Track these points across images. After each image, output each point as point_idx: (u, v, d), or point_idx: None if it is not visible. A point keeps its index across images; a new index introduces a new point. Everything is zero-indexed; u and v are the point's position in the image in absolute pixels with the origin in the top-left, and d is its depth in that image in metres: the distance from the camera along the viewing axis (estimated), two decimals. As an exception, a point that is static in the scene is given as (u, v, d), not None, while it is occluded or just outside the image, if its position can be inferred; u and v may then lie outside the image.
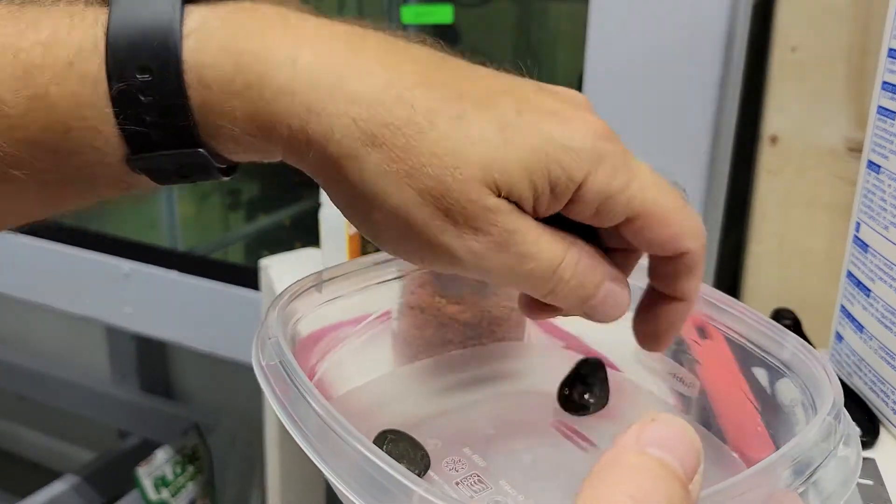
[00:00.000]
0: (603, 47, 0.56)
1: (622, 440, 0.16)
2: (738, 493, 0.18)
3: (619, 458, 0.15)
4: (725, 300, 0.30)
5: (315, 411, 0.21)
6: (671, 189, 0.24)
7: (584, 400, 0.31)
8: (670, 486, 0.15)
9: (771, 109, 0.55)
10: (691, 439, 0.16)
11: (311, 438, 0.21)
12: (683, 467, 0.15)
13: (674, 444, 0.16)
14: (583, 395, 0.31)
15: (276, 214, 1.03)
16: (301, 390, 0.22)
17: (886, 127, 0.43)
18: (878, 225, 0.43)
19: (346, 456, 0.19)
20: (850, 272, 0.46)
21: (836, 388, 0.24)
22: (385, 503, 0.18)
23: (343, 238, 0.54)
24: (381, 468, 0.18)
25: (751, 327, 0.28)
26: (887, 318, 0.42)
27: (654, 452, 0.15)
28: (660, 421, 0.16)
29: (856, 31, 0.51)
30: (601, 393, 0.31)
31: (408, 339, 0.37)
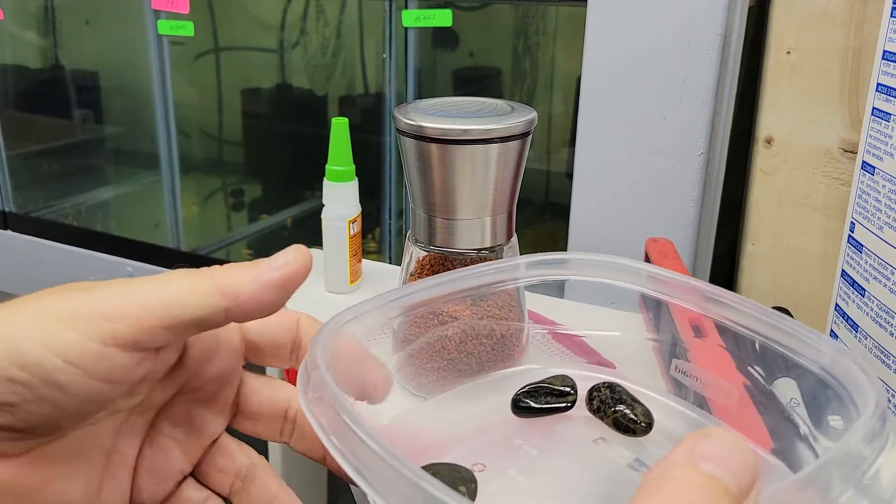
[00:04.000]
0: (600, 50, 0.56)
1: (674, 455, 0.15)
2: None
3: (669, 472, 0.15)
4: (752, 306, 0.28)
5: (362, 440, 0.20)
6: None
7: (631, 420, 0.30)
8: (721, 503, 0.14)
9: (766, 111, 0.56)
10: (746, 455, 0.15)
11: (364, 471, 0.20)
12: (738, 483, 0.15)
13: (727, 459, 0.15)
14: (627, 416, 0.31)
15: (279, 215, 1.04)
16: (346, 421, 0.21)
17: (881, 128, 0.43)
18: (873, 225, 0.43)
19: (401, 487, 0.19)
20: (844, 272, 0.47)
21: (878, 389, 0.22)
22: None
23: (344, 238, 0.54)
24: (433, 495, 0.17)
25: (784, 332, 0.27)
26: (881, 318, 0.42)
27: (706, 467, 0.15)
28: (714, 436, 0.15)
29: (850, 34, 0.51)
30: (645, 414, 0.31)
31: (408, 337, 0.38)
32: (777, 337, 0.28)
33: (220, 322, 0.23)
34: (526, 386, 0.32)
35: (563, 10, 0.82)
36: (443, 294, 0.31)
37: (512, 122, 0.38)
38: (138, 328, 0.21)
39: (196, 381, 0.26)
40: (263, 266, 0.23)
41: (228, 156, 1.08)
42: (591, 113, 0.58)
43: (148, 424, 0.26)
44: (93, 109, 1.08)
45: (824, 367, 0.26)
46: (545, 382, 0.32)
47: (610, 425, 0.31)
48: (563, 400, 0.32)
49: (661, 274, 0.31)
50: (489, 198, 0.40)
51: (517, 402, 0.32)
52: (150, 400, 0.25)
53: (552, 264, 0.33)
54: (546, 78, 0.84)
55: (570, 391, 0.32)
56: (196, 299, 0.22)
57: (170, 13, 0.84)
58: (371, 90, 0.91)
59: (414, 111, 0.40)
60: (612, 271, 0.33)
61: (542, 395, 0.32)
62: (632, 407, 0.30)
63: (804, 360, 0.26)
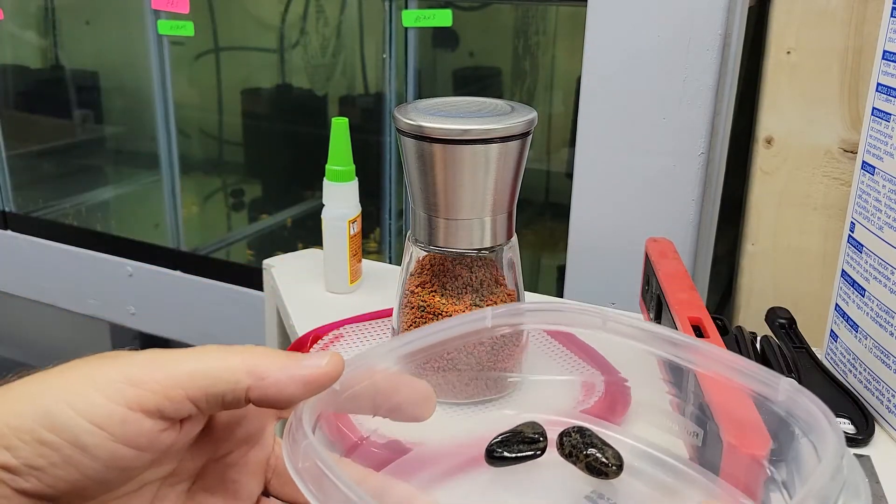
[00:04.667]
0: (600, 50, 0.56)
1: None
2: None
3: None
4: (705, 348, 0.30)
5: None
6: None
7: (602, 464, 0.31)
8: None
9: (766, 111, 0.56)
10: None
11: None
12: None
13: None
14: (599, 459, 0.32)
15: (279, 215, 1.04)
16: (340, 487, 0.21)
17: (881, 128, 0.43)
18: (873, 225, 0.43)
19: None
20: (844, 272, 0.47)
21: (837, 431, 0.23)
22: None
23: (344, 238, 0.54)
24: None
25: (741, 372, 0.28)
26: (881, 318, 0.42)
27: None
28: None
29: (850, 34, 0.51)
30: (616, 457, 0.32)
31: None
32: (739, 379, 0.28)
33: (241, 401, 0.23)
34: (497, 436, 0.33)
35: (563, 10, 0.82)
36: (431, 350, 0.32)
37: (512, 122, 0.38)
38: (164, 395, 0.22)
39: (226, 445, 0.26)
40: (296, 359, 0.23)
41: (228, 156, 1.08)
42: (592, 113, 0.58)
43: (184, 495, 0.26)
44: (93, 109, 1.08)
45: (783, 406, 0.26)
46: (515, 431, 0.33)
47: (582, 469, 0.32)
48: (535, 447, 0.33)
49: (619, 323, 0.32)
50: (489, 198, 0.40)
51: (491, 452, 0.33)
52: (181, 470, 0.26)
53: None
54: (546, 78, 0.84)
55: (540, 438, 0.33)
56: (223, 374, 0.23)
57: (170, 13, 0.84)
58: (371, 90, 0.91)
59: (414, 111, 0.40)
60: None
61: (514, 443, 0.33)
62: (602, 451, 0.32)
63: (767, 402, 0.27)
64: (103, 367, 0.22)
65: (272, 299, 0.60)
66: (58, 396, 0.21)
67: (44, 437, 0.21)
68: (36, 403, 0.21)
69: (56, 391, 0.22)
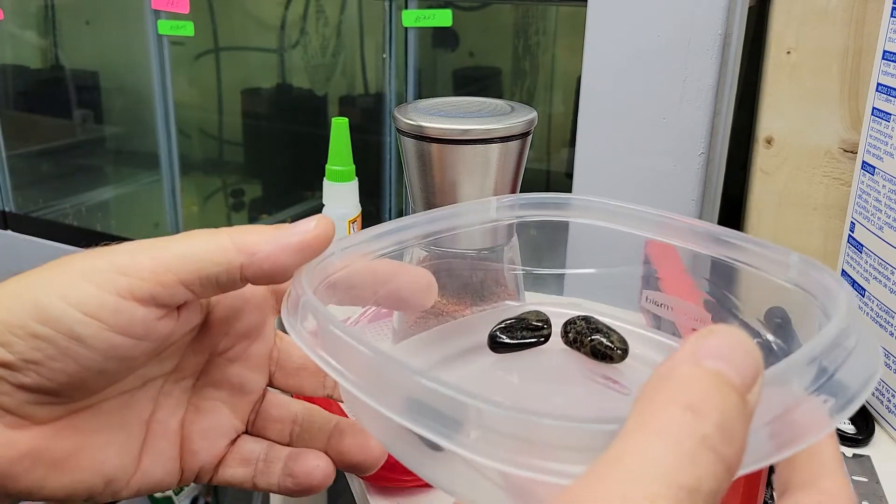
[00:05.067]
0: (600, 50, 0.56)
1: (678, 354, 0.15)
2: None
3: (673, 370, 0.15)
4: (722, 231, 0.29)
5: (360, 351, 0.19)
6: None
7: (608, 347, 0.31)
8: (726, 396, 0.14)
9: (766, 111, 0.56)
10: (749, 349, 0.15)
11: (360, 381, 0.19)
12: (741, 377, 0.15)
13: (730, 354, 0.15)
14: (604, 343, 0.31)
15: (279, 214, 1.04)
16: (340, 336, 0.20)
17: (881, 128, 0.43)
18: (873, 225, 0.43)
19: (400, 388, 0.18)
20: (844, 272, 0.47)
21: (848, 294, 0.22)
22: (446, 426, 0.17)
23: (344, 238, 0.54)
24: (436, 390, 0.17)
25: (752, 253, 0.27)
26: (882, 318, 0.42)
27: (709, 364, 0.15)
28: (716, 333, 0.15)
29: (850, 34, 0.51)
30: (621, 341, 0.31)
31: (407, 334, 0.38)
32: (751, 261, 0.28)
33: (236, 280, 0.23)
34: (501, 322, 0.33)
35: (563, 9, 0.82)
36: (432, 230, 0.31)
37: (512, 122, 0.38)
38: (155, 282, 0.22)
39: (226, 340, 0.26)
40: (284, 229, 0.23)
41: (228, 156, 1.08)
42: (592, 113, 0.58)
43: (188, 392, 0.26)
44: (93, 109, 1.08)
45: (794, 282, 0.26)
46: (519, 318, 0.33)
47: (587, 354, 0.31)
48: (538, 334, 0.32)
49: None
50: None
51: (494, 337, 0.32)
52: (185, 366, 0.26)
53: (548, 205, 0.34)
54: (546, 78, 0.84)
55: (543, 325, 0.33)
56: (213, 255, 0.22)
57: (170, 13, 0.84)
58: (371, 90, 0.91)
59: (414, 111, 0.40)
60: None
61: (517, 329, 0.32)
62: (607, 335, 0.31)
63: (774, 276, 0.27)
64: (92, 259, 0.22)
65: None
66: (48, 290, 0.21)
67: (37, 330, 0.21)
68: (25, 298, 0.21)
69: (46, 285, 0.21)
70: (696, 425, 0.14)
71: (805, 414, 0.18)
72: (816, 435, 0.17)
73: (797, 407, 0.18)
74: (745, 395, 0.15)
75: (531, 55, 0.84)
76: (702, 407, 0.14)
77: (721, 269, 0.29)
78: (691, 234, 0.30)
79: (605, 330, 0.31)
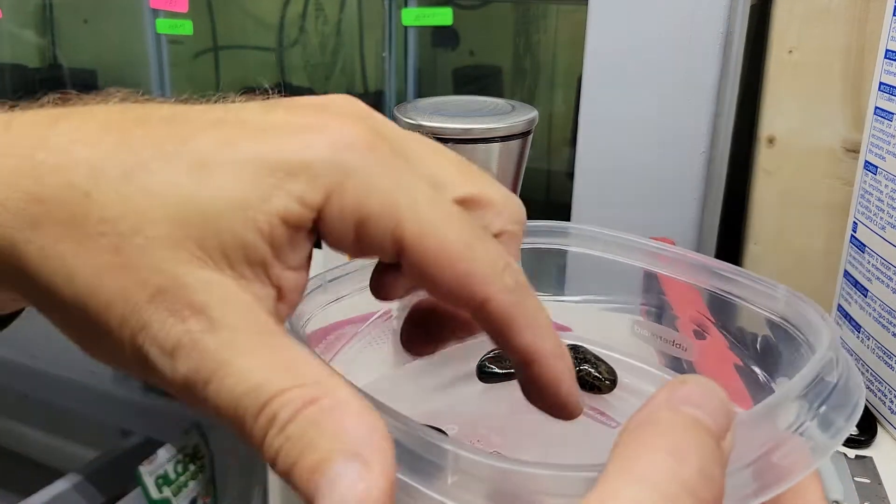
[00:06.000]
0: (602, 48, 0.56)
1: (654, 400, 0.16)
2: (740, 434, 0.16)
3: (652, 415, 0.15)
4: (713, 263, 0.30)
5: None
6: (465, 217, 0.18)
7: (596, 378, 0.31)
8: (704, 441, 0.15)
9: (768, 110, 0.55)
10: (722, 398, 0.16)
11: None
12: (716, 424, 0.15)
13: (705, 402, 0.16)
14: (592, 374, 0.31)
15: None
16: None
17: (883, 128, 0.43)
18: (875, 225, 0.43)
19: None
20: (847, 272, 0.47)
21: (832, 328, 0.23)
22: (424, 469, 0.17)
23: (344, 238, 0.54)
24: (413, 435, 0.17)
25: (740, 285, 0.28)
26: (884, 318, 0.42)
27: (686, 409, 0.15)
28: (690, 382, 0.16)
29: (853, 33, 0.51)
30: (609, 372, 0.31)
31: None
32: (731, 289, 0.28)
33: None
34: (490, 352, 0.32)
35: (563, 8, 0.82)
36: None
37: (513, 121, 0.38)
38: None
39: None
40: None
41: (227, 155, 1.07)
42: (593, 112, 0.58)
43: None
44: (91, 108, 1.07)
45: (779, 313, 0.26)
46: None
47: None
48: None
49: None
50: (490, 197, 0.39)
51: (482, 368, 0.32)
52: None
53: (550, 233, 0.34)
54: (547, 77, 0.83)
55: None
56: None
57: (168, 12, 0.84)
58: (371, 89, 0.91)
59: (414, 110, 0.40)
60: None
61: (505, 359, 0.32)
62: (595, 366, 0.31)
63: (760, 308, 0.27)
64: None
65: (271, 299, 0.60)
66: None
67: None
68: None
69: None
70: (678, 470, 0.14)
71: (788, 453, 0.18)
72: (799, 474, 0.18)
73: (780, 446, 0.18)
74: (721, 442, 0.15)
75: (532, 54, 0.84)
76: (682, 452, 0.14)
77: (715, 301, 0.30)
78: (686, 265, 0.30)
79: (594, 360, 0.32)
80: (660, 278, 0.33)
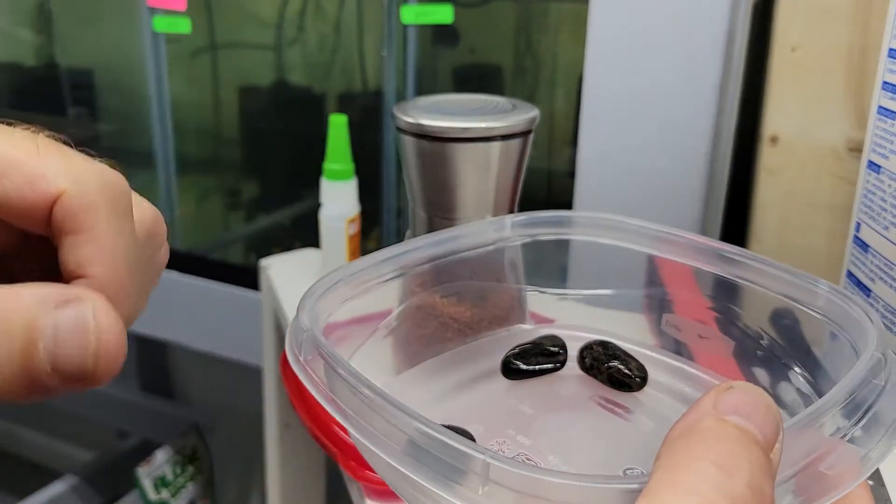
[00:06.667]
0: (603, 47, 0.56)
1: (699, 407, 0.15)
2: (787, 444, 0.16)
3: (698, 424, 0.15)
4: (749, 255, 0.29)
5: (363, 394, 0.19)
6: (21, 134, 0.18)
7: (626, 375, 0.30)
8: (753, 453, 0.14)
9: (771, 109, 0.55)
10: (769, 406, 0.15)
11: (361, 424, 0.19)
12: (764, 435, 0.15)
13: (752, 411, 0.15)
14: (622, 371, 0.30)
15: (276, 214, 1.03)
16: (344, 376, 0.20)
17: (886, 127, 0.43)
18: (879, 225, 0.43)
19: (402, 434, 0.18)
20: (850, 272, 0.46)
21: (879, 326, 0.22)
22: (448, 476, 0.16)
23: (343, 238, 0.53)
24: (440, 440, 0.17)
25: (778, 279, 0.27)
26: (887, 318, 0.42)
27: (733, 419, 0.15)
28: (737, 388, 0.15)
29: (856, 31, 0.51)
30: (640, 369, 0.31)
31: (408, 339, 0.37)
32: (776, 287, 0.28)
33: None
34: (516, 347, 0.32)
35: (565, 6, 0.82)
36: (439, 252, 0.31)
37: (513, 120, 0.38)
38: None
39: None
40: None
41: (225, 154, 1.07)
42: (594, 111, 0.57)
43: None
44: (88, 107, 1.07)
45: (822, 310, 0.26)
46: (534, 343, 0.32)
47: (604, 382, 0.31)
48: (554, 360, 0.32)
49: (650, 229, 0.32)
50: (490, 197, 0.39)
51: (507, 364, 0.31)
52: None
53: (548, 223, 0.33)
54: (548, 75, 0.83)
55: (559, 351, 0.32)
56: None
57: (166, 10, 0.84)
58: (370, 88, 0.91)
59: (414, 109, 0.39)
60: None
61: (532, 356, 0.32)
62: (625, 362, 0.30)
63: (802, 305, 0.26)
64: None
65: (269, 299, 0.60)
66: None
67: None
68: None
69: None
70: (727, 483, 0.14)
71: (836, 462, 0.17)
72: (848, 485, 0.17)
73: (828, 454, 0.17)
74: (769, 453, 0.15)
75: (533, 52, 0.84)
76: (731, 465, 0.14)
77: (723, 285, 0.29)
78: (694, 250, 0.30)
79: (623, 357, 0.31)
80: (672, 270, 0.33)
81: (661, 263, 0.32)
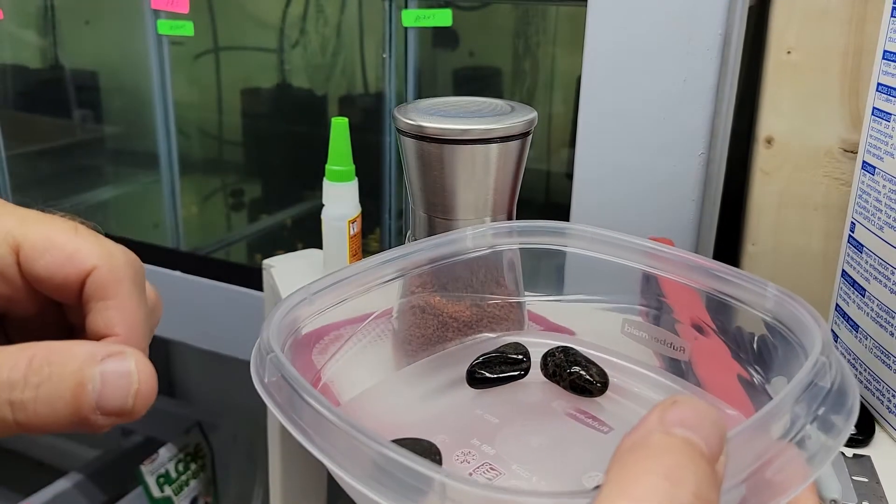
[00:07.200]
0: (601, 49, 0.56)
1: (646, 421, 0.16)
2: (733, 449, 0.16)
3: (646, 438, 0.15)
4: (704, 262, 0.30)
5: (324, 417, 0.20)
6: (60, 220, 0.23)
7: (587, 381, 0.31)
8: (699, 465, 0.15)
9: (766, 111, 0.55)
10: (714, 420, 0.16)
11: (324, 445, 0.20)
12: (709, 447, 0.15)
13: (698, 424, 0.16)
14: (583, 377, 0.31)
15: (279, 215, 1.04)
16: (307, 399, 0.21)
17: (881, 128, 0.43)
18: (873, 225, 0.43)
19: (364, 456, 0.18)
20: (845, 272, 0.47)
21: (825, 330, 0.23)
22: (408, 496, 0.17)
23: (344, 238, 0.54)
24: (399, 462, 0.17)
25: (731, 283, 0.28)
26: (882, 318, 0.42)
27: (679, 432, 0.15)
28: (682, 402, 0.16)
29: (851, 33, 0.51)
30: (600, 374, 0.31)
31: (408, 338, 0.38)
32: (725, 289, 0.28)
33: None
34: (480, 357, 0.32)
35: (563, 9, 0.82)
36: (408, 264, 0.32)
37: (512, 121, 0.38)
38: None
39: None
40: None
41: (228, 156, 1.08)
42: (592, 113, 0.58)
43: None
44: (92, 109, 1.08)
45: (771, 312, 0.26)
46: (498, 352, 0.32)
47: (566, 388, 0.31)
48: (518, 367, 0.32)
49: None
50: (489, 198, 0.40)
51: (472, 373, 0.32)
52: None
53: (547, 233, 0.34)
54: (546, 78, 0.84)
55: (523, 358, 0.32)
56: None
57: (169, 13, 0.84)
58: (371, 90, 0.91)
59: (414, 111, 0.40)
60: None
61: (496, 364, 0.32)
62: (586, 368, 0.31)
63: (751, 308, 0.27)
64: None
65: (272, 299, 0.60)
66: None
67: None
68: None
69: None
70: (673, 494, 0.14)
71: (782, 467, 0.18)
72: (794, 490, 0.18)
73: (774, 460, 0.18)
74: (714, 464, 0.15)
75: (531, 55, 0.84)
76: (678, 476, 0.15)
77: (711, 302, 0.30)
78: (681, 266, 0.30)
79: (584, 363, 0.31)
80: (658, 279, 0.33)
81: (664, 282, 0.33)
